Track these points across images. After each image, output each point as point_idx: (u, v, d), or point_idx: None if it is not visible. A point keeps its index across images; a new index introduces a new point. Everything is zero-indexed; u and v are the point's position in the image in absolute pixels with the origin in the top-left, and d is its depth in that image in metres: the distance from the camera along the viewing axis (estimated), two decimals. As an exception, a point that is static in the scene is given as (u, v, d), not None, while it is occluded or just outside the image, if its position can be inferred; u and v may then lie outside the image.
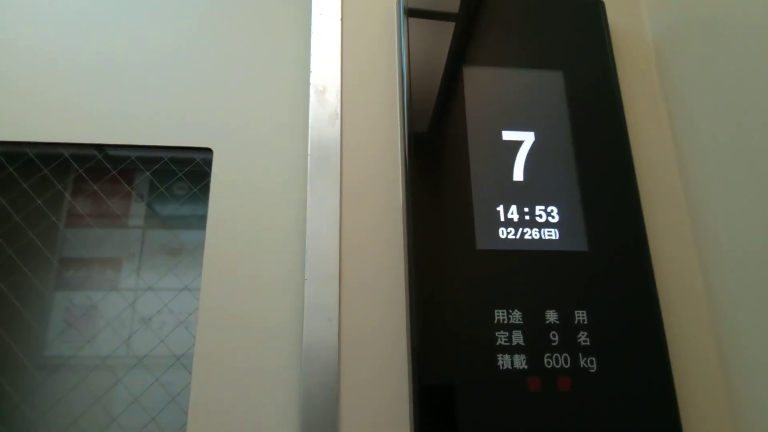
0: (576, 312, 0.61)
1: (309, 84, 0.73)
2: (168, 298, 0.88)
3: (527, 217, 0.65)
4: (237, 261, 0.70)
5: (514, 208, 0.65)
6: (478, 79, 0.70)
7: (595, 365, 0.59)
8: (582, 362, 0.59)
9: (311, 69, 0.73)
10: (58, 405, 0.80)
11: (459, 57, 0.71)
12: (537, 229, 0.64)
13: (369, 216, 0.68)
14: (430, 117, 0.68)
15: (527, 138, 0.68)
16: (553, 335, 0.60)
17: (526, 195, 0.65)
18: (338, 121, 0.71)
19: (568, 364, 0.59)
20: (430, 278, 0.60)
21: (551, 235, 0.64)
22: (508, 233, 0.64)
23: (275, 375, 0.65)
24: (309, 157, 0.69)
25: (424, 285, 0.60)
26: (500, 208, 0.65)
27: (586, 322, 0.61)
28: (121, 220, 0.95)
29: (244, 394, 0.65)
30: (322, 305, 0.63)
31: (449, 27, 0.73)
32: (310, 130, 0.70)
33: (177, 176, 0.93)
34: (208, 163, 0.76)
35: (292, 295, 0.69)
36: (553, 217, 0.65)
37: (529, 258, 0.63)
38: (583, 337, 0.60)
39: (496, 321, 0.59)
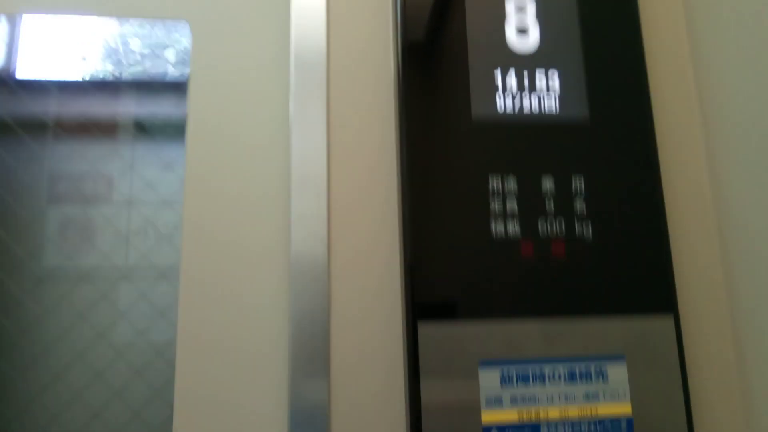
0: (573, 179, 0.58)
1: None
2: (155, 211, 0.87)
3: (527, 85, 0.60)
4: (219, 169, 0.66)
5: (513, 76, 0.61)
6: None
7: (590, 232, 0.57)
8: (577, 229, 0.57)
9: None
10: (49, 314, 0.81)
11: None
12: (536, 97, 0.60)
13: (358, 111, 0.64)
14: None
15: (529, 4, 0.63)
16: (549, 202, 0.57)
17: (526, 62, 0.61)
18: None
19: (563, 231, 0.56)
20: (424, 156, 0.57)
21: (551, 103, 0.60)
22: (506, 102, 0.60)
23: (262, 292, 0.63)
24: (291, 38, 0.65)
25: (418, 163, 0.57)
26: (498, 76, 0.60)
27: (583, 190, 0.58)
28: (110, 134, 0.94)
29: (232, 313, 0.62)
30: (309, 217, 0.60)
31: None
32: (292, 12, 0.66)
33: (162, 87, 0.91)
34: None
35: (277, 207, 0.65)
36: (553, 84, 0.61)
37: (528, 126, 0.59)
38: (579, 204, 0.57)
39: (490, 189, 0.57)
